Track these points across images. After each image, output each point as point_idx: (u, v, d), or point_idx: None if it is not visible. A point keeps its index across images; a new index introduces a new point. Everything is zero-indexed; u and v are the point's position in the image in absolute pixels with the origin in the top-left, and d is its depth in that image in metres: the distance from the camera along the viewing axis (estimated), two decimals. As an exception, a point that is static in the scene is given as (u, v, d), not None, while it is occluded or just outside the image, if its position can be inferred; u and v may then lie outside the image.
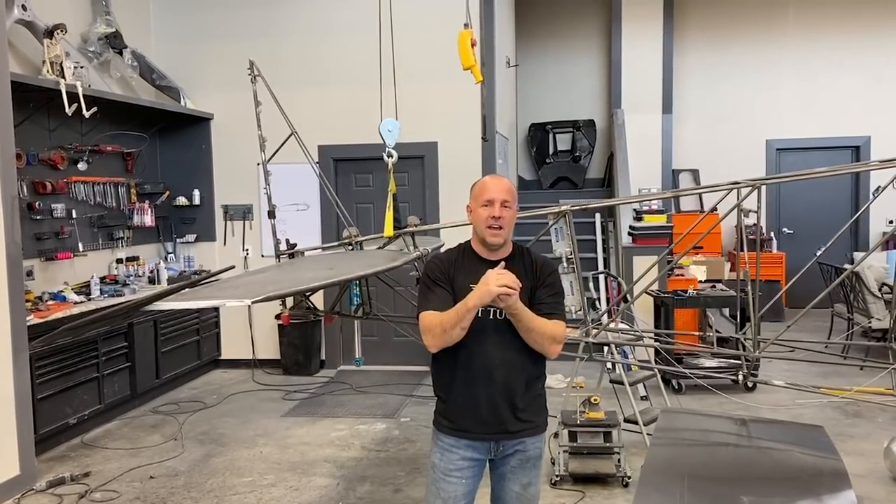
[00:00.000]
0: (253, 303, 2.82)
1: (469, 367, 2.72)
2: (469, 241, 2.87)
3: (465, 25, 4.36)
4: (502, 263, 2.70)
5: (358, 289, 4.59)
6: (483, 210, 2.74)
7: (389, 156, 4.63)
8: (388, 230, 4.42)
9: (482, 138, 6.81)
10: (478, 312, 2.66)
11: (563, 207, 4.13)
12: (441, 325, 2.64)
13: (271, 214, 4.91)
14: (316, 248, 5.22)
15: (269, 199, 4.90)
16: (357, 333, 7.68)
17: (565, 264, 4.18)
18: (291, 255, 4.64)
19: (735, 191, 4.04)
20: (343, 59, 7.45)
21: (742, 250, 4.06)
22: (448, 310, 2.66)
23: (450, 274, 2.77)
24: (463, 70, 4.42)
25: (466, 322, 2.61)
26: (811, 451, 3.00)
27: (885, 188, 3.85)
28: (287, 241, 4.80)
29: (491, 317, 2.70)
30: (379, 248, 4.59)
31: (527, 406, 2.78)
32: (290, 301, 5.46)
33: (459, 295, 2.69)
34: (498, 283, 2.53)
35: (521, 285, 2.59)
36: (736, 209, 3.92)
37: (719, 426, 3.45)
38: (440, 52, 6.54)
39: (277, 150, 4.93)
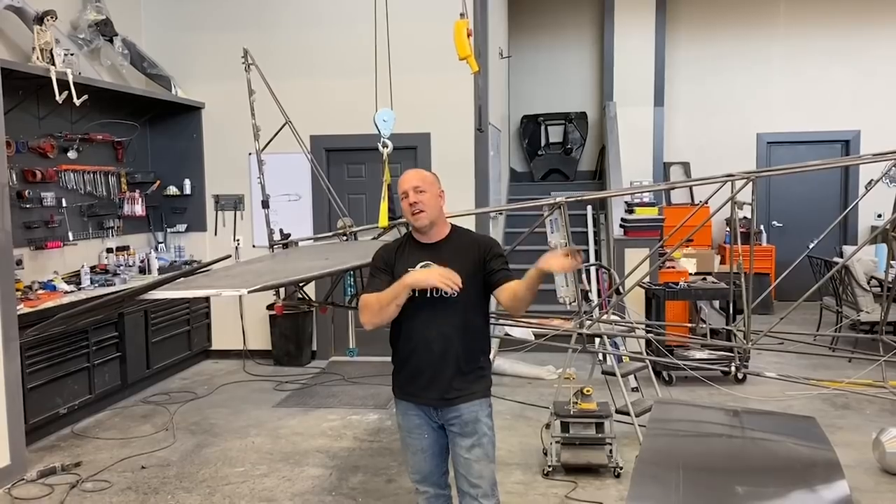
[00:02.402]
0: (249, 292, 2.82)
1: (411, 339, 3.04)
2: (411, 231, 3.17)
3: (462, 15, 4.34)
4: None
5: (352, 279, 4.58)
6: (404, 202, 3.03)
7: (385, 146, 4.61)
8: (383, 220, 4.41)
9: (477, 129, 6.79)
10: (415, 293, 2.93)
11: (559, 199, 4.13)
12: (378, 302, 2.92)
13: (265, 204, 4.89)
14: (310, 238, 5.20)
15: (263, 188, 4.88)
16: (351, 324, 7.66)
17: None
18: (285, 245, 4.63)
19: (728, 183, 4.05)
20: (334, 49, 7.41)
21: (736, 243, 4.08)
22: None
23: (391, 262, 3.08)
24: (459, 60, 4.40)
25: (402, 299, 2.88)
26: (804, 441, 3.03)
27: (877, 181, 3.86)
28: (281, 230, 4.78)
29: (428, 295, 2.96)
30: (374, 238, 4.58)
31: (464, 376, 3.04)
32: (282, 292, 5.44)
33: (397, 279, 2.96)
34: (442, 275, 2.79)
35: (459, 283, 2.82)
36: (730, 202, 3.93)
37: (713, 417, 3.48)
38: (433, 43, 6.54)
39: (272, 139, 4.90)
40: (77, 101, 5.83)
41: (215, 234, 7.85)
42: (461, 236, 3.12)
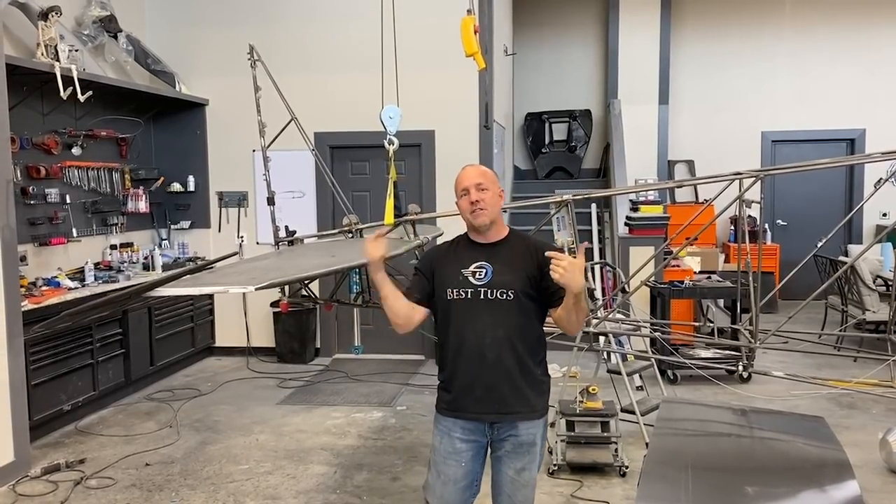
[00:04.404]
0: (257, 289, 2.80)
1: (462, 346, 2.80)
2: (466, 232, 2.97)
3: (468, 12, 4.32)
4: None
5: (357, 277, 4.56)
6: (463, 200, 2.85)
7: (391, 143, 4.59)
8: (389, 218, 4.39)
9: (484, 126, 6.77)
10: (468, 293, 2.78)
11: (566, 197, 4.11)
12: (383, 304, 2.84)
13: (271, 201, 4.87)
14: (315, 236, 5.19)
15: (269, 185, 4.86)
16: (356, 321, 7.67)
17: (566, 254, 4.16)
18: (291, 243, 4.61)
19: (736, 182, 4.03)
20: (339, 45, 7.39)
21: (744, 241, 4.06)
22: (417, 296, 2.87)
23: (433, 265, 2.91)
24: (466, 57, 4.37)
25: (384, 296, 2.80)
26: (813, 441, 3.02)
27: (886, 180, 3.85)
28: (286, 227, 4.77)
29: (482, 297, 2.77)
30: (379, 235, 4.55)
31: (522, 387, 2.81)
32: (287, 289, 5.42)
33: (447, 282, 2.82)
34: (371, 247, 2.77)
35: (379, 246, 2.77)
36: (738, 200, 3.91)
37: (720, 416, 3.47)
38: (437, 39, 6.52)
39: (278, 136, 4.88)
40: (81, 98, 5.82)
41: (219, 230, 7.83)
42: (520, 239, 2.92)
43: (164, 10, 7.73)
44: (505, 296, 2.76)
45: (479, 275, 2.79)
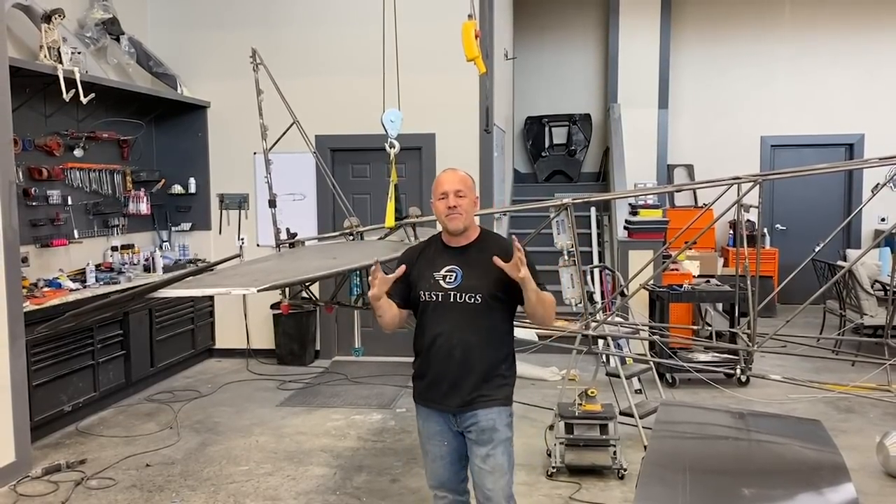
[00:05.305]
0: (259, 291, 2.83)
1: (433, 344, 2.96)
2: (440, 232, 3.09)
3: (469, 17, 4.35)
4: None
5: (358, 279, 4.59)
6: (440, 203, 2.96)
7: (392, 146, 4.62)
8: (390, 220, 4.41)
9: (484, 129, 6.81)
10: (439, 297, 2.93)
11: (566, 200, 4.14)
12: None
13: (272, 203, 4.90)
14: (315, 238, 5.22)
15: (270, 187, 4.89)
16: (356, 323, 7.69)
17: (566, 257, 4.19)
18: (292, 245, 4.64)
19: (735, 186, 4.06)
20: (340, 48, 7.43)
21: (743, 246, 4.09)
22: (398, 301, 2.99)
23: (408, 267, 3.01)
24: (467, 61, 4.41)
25: (381, 311, 2.92)
26: (810, 444, 3.04)
27: (883, 185, 3.88)
28: (288, 230, 4.80)
29: (451, 300, 2.92)
30: (380, 238, 4.59)
31: (484, 383, 2.96)
32: (288, 291, 5.44)
33: (420, 282, 2.97)
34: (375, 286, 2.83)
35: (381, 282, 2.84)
36: (737, 205, 3.94)
37: (718, 419, 3.49)
38: (438, 43, 6.55)
39: (280, 139, 4.91)
40: (84, 100, 5.85)
41: (220, 232, 7.86)
42: (489, 240, 3.04)
43: (166, 13, 7.76)
44: (473, 299, 2.91)
45: (450, 279, 2.94)
